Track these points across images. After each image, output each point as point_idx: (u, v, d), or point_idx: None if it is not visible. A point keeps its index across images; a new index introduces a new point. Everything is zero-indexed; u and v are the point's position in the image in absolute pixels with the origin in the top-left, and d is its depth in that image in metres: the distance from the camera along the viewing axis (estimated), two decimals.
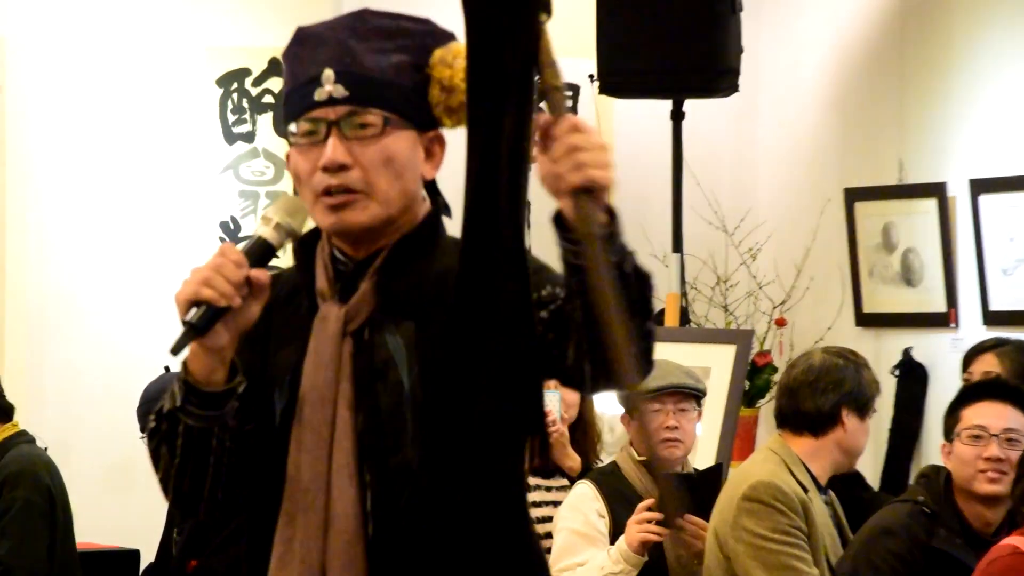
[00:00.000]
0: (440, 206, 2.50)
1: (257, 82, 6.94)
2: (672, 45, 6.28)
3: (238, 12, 6.91)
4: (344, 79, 2.39)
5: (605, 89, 6.53)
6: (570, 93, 7.29)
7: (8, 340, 6.56)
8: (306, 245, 2.45)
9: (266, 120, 6.94)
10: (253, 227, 6.86)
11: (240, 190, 6.90)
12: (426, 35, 2.46)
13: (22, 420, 5.66)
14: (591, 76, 6.71)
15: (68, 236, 6.64)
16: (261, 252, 2.35)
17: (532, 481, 4.87)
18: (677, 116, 6.60)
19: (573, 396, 4.95)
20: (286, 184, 6.95)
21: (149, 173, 6.76)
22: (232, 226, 6.88)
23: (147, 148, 6.76)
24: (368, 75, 2.40)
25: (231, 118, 6.91)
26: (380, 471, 2.35)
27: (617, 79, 6.46)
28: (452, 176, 2.50)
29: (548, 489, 4.93)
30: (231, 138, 6.91)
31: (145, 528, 5.61)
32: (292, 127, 2.42)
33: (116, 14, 6.72)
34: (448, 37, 2.47)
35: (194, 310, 2.28)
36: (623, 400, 4.80)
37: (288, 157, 2.48)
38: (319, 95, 2.39)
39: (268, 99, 6.94)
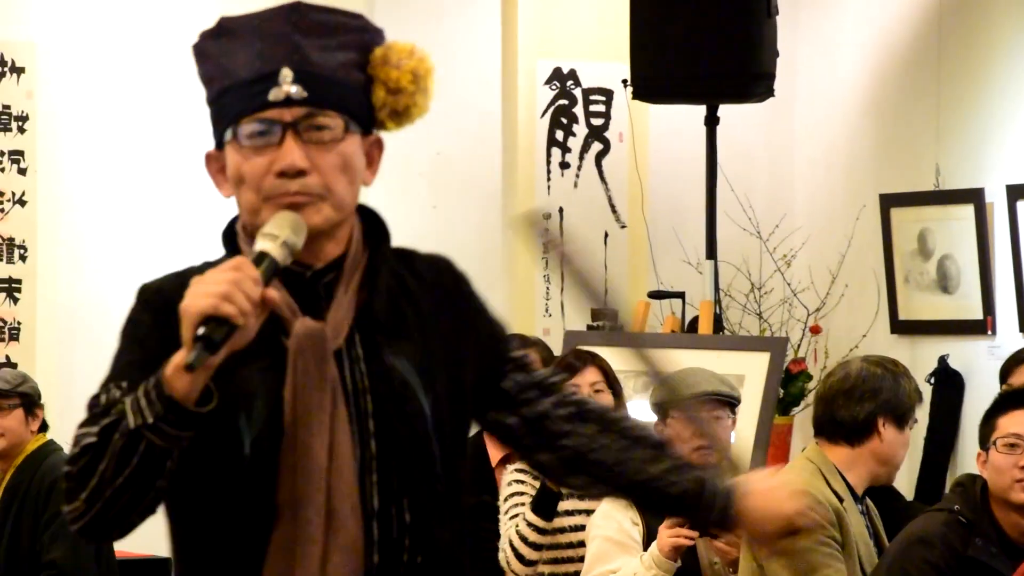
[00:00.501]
0: (381, 221, 2.43)
1: None
2: (707, 49, 6.24)
3: None
4: (302, 79, 2.25)
5: (639, 94, 6.50)
6: (603, 98, 7.25)
7: (40, 347, 6.56)
8: (233, 250, 2.31)
9: None
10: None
11: None
12: (363, 31, 2.34)
13: (53, 428, 5.68)
14: (625, 81, 6.68)
15: (99, 242, 6.63)
16: (271, 271, 2.19)
17: (565, 490, 4.83)
18: (711, 121, 6.55)
19: (607, 404, 4.91)
20: None
21: (180, 178, 6.74)
22: None
23: (178, 153, 6.74)
24: (325, 75, 2.27)
25: None
26: (411, 501, 2.28)
27: (651, 84, 6.42)
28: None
29: (581, 497, 4.89)
30: None
31: None
32: (235, 127, 2.26)
33: (147, 18, 6.71)
34: (381, 34, 2.37)
35: (208, 325, 2.11)
36: (655, 408, 4.77)
37: (212, 157, 2.33)
38: (275, 95, 2.24)
39: None
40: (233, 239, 2.35)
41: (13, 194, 6.65)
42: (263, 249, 2.20)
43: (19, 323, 6.62)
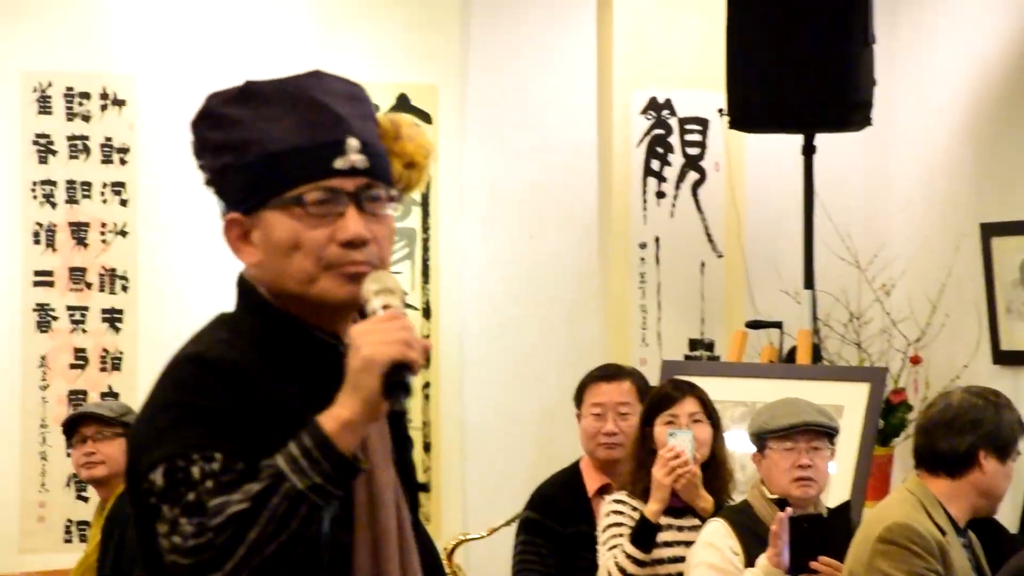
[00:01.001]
0: None
1: None
2: (804, 78, 6.20)
3: (365, 48, 6.94)
4: (365, 149, 2.25)
5: (735, 123, 6.47)
6: (699, 127, 7.24)
7: (141, 377, 6.61)
8: (254, 305, 2.29)
9: None
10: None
11: None
12: (369, 102, 2.35)
13: None
14: (721, 110, 6.66)
15: (199, 272, 6.69)
16: None
17: (664, 520, 4.82)
18: (808, 150, 6.52)
19: (705, 434, 4.90)
20: (414, 221, 6.96)
21: None
22: None
23: None
24: (376, 146, 2.28)
25: None
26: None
27: (747, 113, 6.39)
28: None
29: (680, 529, 4.88)
30: None
31: None
32: (297, 193, 2.23)
33: (245, 52, 6.77)
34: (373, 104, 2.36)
35: (398, 373, 2.10)
36: (753, 438, 4.75)
37: (237, 222, 2.28)
38: (341, 163, 2.23)
39: None
40: (250, 295, 2.32)
41: (115, 225, 6.73)
42: (389, 302, 2.18)
43: (121, 353, 6.69)
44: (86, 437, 5.36)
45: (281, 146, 2.23)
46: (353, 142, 2.24)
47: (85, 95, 6.70)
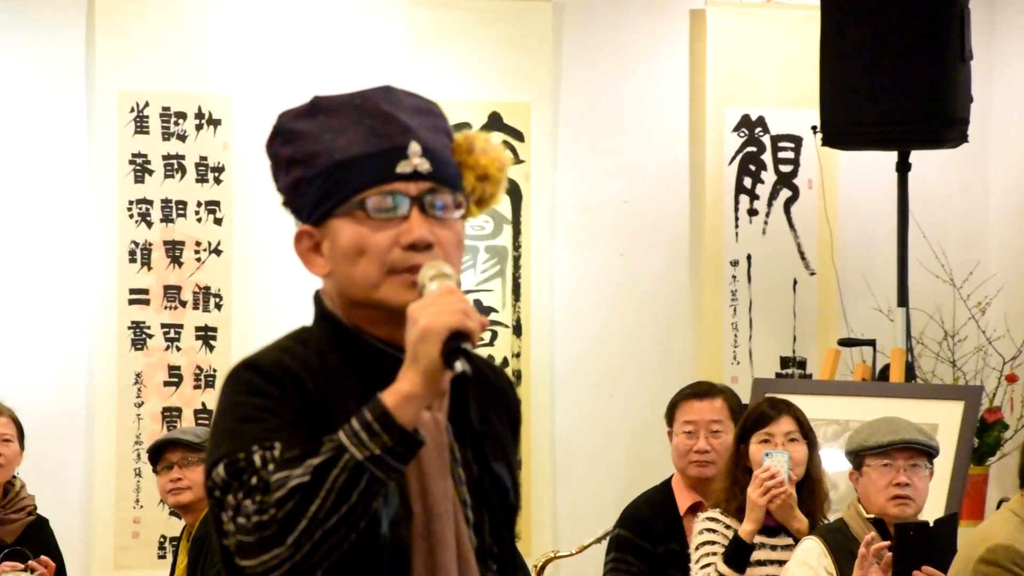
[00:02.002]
0: None
1: None
2: (898, 94, 6.16)
3: (458, 67, 6.96)
4: (428, 154, 2.27)
5: (829, 140, 6.44)
6: (792, 145, 7.21)
7: None
8: (326, 318, 2.32)
9: None
10: (472, 282, 6.92)
11: None
12: (444, 118, 2.36)
13: None
14: (814, 128, 6.63)
15: (292, 290, 6.73)
16: None
17: (757, 539, 4.79)
18: (903, 167, 6.47)
19: (800, 454, 4.87)
20: (505, 238, 6.97)
21: None
22: None
23: None
24: (442, 153, 2.29)
25: None
26: None
27: (841, 130, 6.36)
28: None
29: (773, 548, 4.85)
30: None
31: None
32: (360, 199, 2.25)
33: (339, 71, 6.82)
34: (449, 121, 2.37)
35: (456, 340, 2.12)
36: (849, 456, 4.71)
37: (307, 234, 2.31)
38: (403, 167, 2.25)
39: None
40: (319, 307, 2.36)
41: (209, 243, 6.78)
42: (450, 284, 2.21)
43: (215, 370, 6.75)
44: (172, 463, 5.37)
45: (346, 155, 2.27)
46: (415, 147, 2.26)
47: (181, 115, 6.76)
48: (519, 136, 7.00)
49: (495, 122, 6.97)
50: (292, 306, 6.71)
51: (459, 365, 2.12)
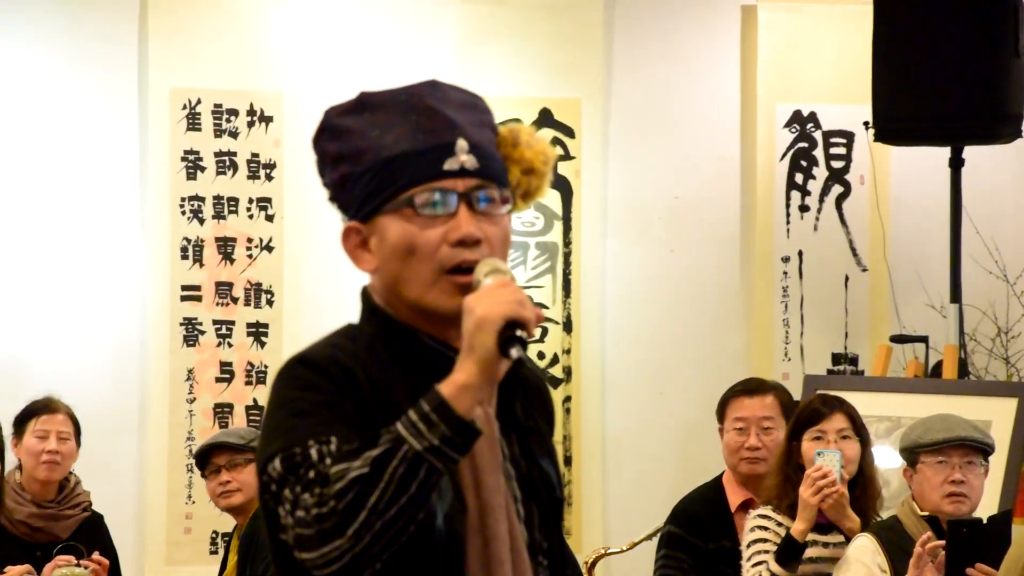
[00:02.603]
0: None
1: None
2: (951, 90, 6.13)
3: (508, 64, 6.97)
4: (475, 151, 2.27)
5: (881, 136, 6.41)
6: (844, 140, 7.18)
7: None
8: (375, 315, 2.32)
9: None
10: (522, 278, 6.92)
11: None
12: (489, 112, 2.37)
13: None
14: (866, 123, 6.59)
15: (344, 288, 6.74)
16: None
17: (810, 536, 4.77)
18: (956, 163, 6.43)
19: (853, 451, 4.85)
20: (556, 235, 6.97)
21: None
22: None
23: None
24: (488, 148, 2.30)
25: None
26: None
27: (894, 126, 6.33)
28: None
29: (825, 545, 4.83)
30: None
31: None
32: (408, 196, 2.26)
33: (390, 68, 6.83)
34: (494, 115, 2.38)
35: (512, 329, 2.13)
36: (903, 453, 4.69)
37: (354, 230, 2.31)
38: (451, 164, 2.26)
39: None
40: (366, 303, 2.36)
41: (261, 240, 6.81)
42: (508, 280, 2.21)
43: (266, 367, 6.77)
44: (219, 467, 5.38)
45: (394, 151, 2.27)
46: (463, 143, 2.26)
47: (233, 112, 6.79)
48: (570, 132, 7.00)
49: (545, 118, 6.97)
50: (343, 302, 6.72)
51: (515, 352, 2.13)
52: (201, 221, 6.77)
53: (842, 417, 4.88)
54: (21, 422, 5.58)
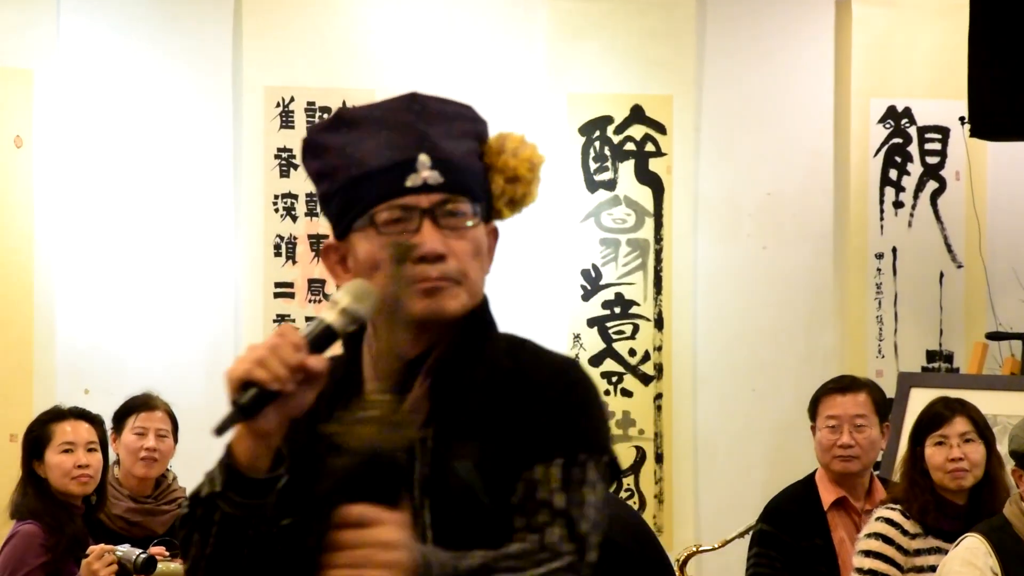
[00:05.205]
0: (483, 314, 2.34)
1: (619, 130, 6.98)
2: None
3: (600, 60, 6.96)
4: (438, 165, 2.25)
5: (977, 131, 6.34)
6: (939, 136, 7.11)
7: None
8: (354, 337, 2.32)
9: (628, 168, 6.97)
10: (613, 275, 6.93)
11: (601, 238, 6.94)
12: (476, 121, 2.35)
13: None
14: (962, 119, 6.54)
15: None
16: (322, 337, 2.18)
17: (934, 543, 4.73)
18: None
19: (978, 455, 4.79)
20: (647, 231, 6.96)
21: (512, 221, 6.84)
22: (593, 274, 6.92)
23: None
24: (456, 161, 2.27)
25: (592, 166, 6.97)
26: None
27: (990, 121, 6.26)
28: None
29: (936, 535, 4.79)
30: (592, 186, 6.96)
31: None
32: (371, 214, 2.25)
33: (483, 65, 6.84)
34: (486, 124, 2.37)
35: (245, 391, 2.15)
36: (1013, 455, 4.62)
37: (332, 248, 2.32)
38: (412, 181, 2.24)
39: (630, 146, 6.98)
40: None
41: None
42: (321, 316, 2.20)
43: None
44: None
45: (362, 169, 2.27)
46: (424, 159, 2.26)
47: (326, 109, 6.83)
48: (661, 129, 6.98)
49: (637, 115, 6.96)
50: None
51: (223, 420, 2.17)
52: (294, 218, 6.81)
53: (964, 420, 4.82)
54: (120, 418, 5.64)
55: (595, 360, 6.91)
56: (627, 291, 6.94)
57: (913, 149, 7.12)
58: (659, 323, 6.96)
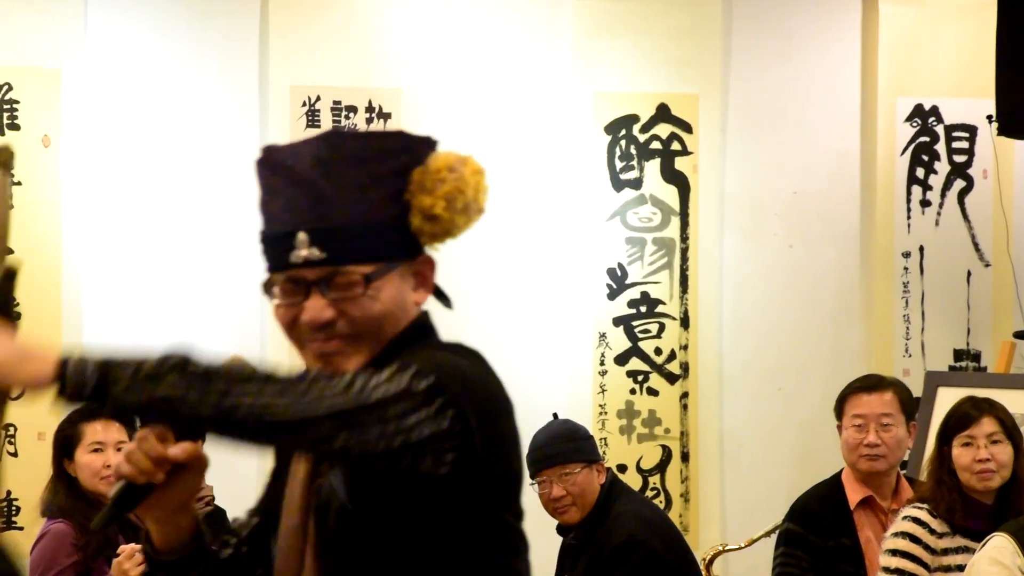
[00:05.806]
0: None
1: (645, 128, 6.98)
2: None
3: (626, 59, 6.95)
4: (319, 239, 2.22)
5: (1004, 130, 6.33)
6: (966, 134, 7.10)
7: None
8: None
9: (653, 166, 6.97)
10: (639, 274, 6.92)
11: (627, 236, 6.94)
12: (401, 153, 2.29)
13: None
14: (989, 117, 6.52)
15: (461, 288, 6.77)
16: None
17: (963, 543, 4.72)
18: None
19: (1005, 455, 4.76)
20: (673, 230, 6.95)
21: (538, 220, 6.85)
22: (619, 272, 6.92)
23: (534, 194, 6.85)
24: (345, 229, 2.22)
25: (618, 164, 6.97)
26: None
27: (1018, 119, 6.25)
28: None
29: (953, 534, 4.78)
30: (618, 185, 6.96)
31: None
32: (269, 280, 2.28)
33: (509, 64, 6.84)
34: (425, 147, 2.32)
35: (121, 485, 2.20)
36: None
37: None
38: (295, 258, 2.23)
39: (656, 145, 6.97)
40: None
41: None
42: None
43: None
44: None
45: (265, 228, 2.29)
46: (302, 237, 2.23)
47: (352, 108, 6.83)
48: (687, 128, 6.97)
49: (663, 114, 6.95)
50: (474, 304, 6.75)
51: (100, 516, 2.29)
52: None
53: (992, 421, 4.79)
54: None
55: (621, 359, 6.91)
56: (653, 290, 6.93)
57: (940, 148, 7.10)
58: (685, 322, 6.96)
